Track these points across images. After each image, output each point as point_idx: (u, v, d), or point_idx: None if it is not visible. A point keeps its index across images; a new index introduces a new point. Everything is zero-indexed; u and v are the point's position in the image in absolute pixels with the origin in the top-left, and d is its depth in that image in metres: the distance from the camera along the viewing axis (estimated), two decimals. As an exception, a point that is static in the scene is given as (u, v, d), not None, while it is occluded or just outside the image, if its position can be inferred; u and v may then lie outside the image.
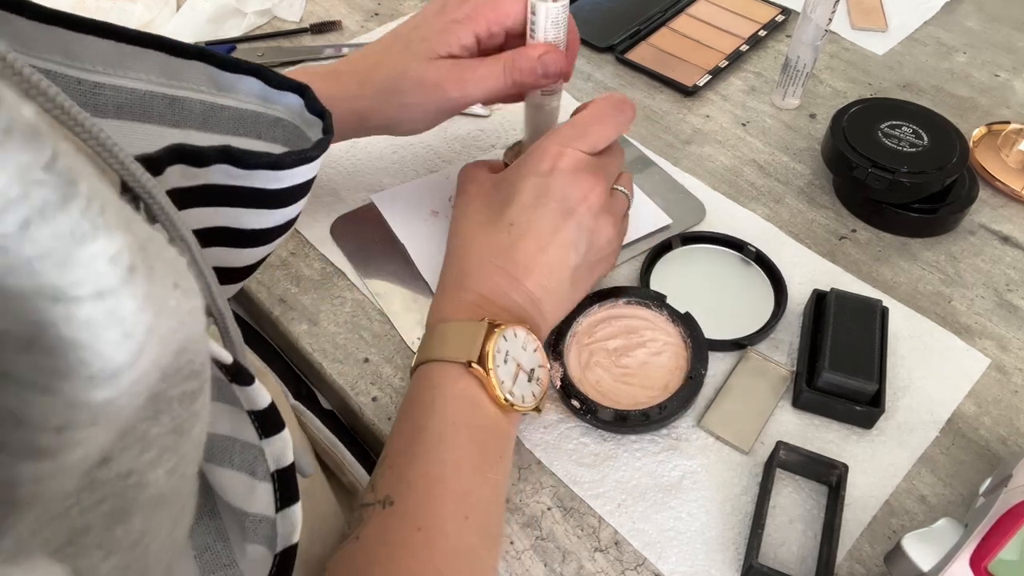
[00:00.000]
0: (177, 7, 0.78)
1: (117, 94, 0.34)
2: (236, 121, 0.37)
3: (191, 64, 0.35)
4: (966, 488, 0.45)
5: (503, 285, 0.44)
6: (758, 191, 0.62)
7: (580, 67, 0.73)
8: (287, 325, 0.53)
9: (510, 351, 0.42)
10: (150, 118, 0.35)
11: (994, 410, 0.49)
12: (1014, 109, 0.69)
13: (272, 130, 0.39)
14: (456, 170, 0.62)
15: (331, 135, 0.37)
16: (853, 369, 0.46)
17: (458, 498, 0.38)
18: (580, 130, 0.47)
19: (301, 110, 0.38)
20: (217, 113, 0.37)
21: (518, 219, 0.45)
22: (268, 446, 0.28)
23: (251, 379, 0.26)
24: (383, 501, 0.38)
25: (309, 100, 0.38)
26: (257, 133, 0.38)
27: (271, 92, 0.38)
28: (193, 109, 0.36)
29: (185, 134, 0.36)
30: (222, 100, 0.37)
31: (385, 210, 0.59)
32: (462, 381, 0.41)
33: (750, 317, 0.52)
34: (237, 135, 0.38)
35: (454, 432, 0.40)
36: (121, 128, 0.34)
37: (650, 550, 0.43)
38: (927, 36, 0.77)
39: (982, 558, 0.36)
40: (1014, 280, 0.56)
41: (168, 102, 0.35)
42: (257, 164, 0.32)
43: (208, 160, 0.30)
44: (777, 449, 0.44)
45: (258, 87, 0.37)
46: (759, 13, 0.78)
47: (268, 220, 0.35)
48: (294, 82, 0.38)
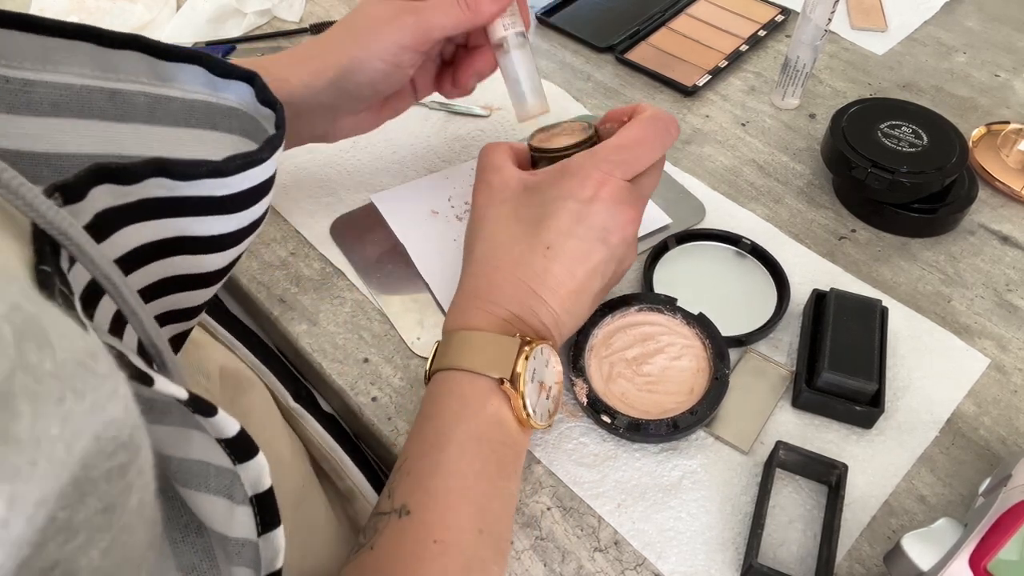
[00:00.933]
0: (177, 7, 0.78)
1: (51, 91, 0.31)
2: (186, 112, 0.35)
3: (125, 54, 0.33)
4: (966, 488, 0.45)
5: (533, 305, 0.44)
6: (758, 191, 0.62)
7: (580, 67, 0.73)
8: (287, 325, 0.53)
9: (536, 369, 0.42)
10: (91, 113, 0.32)
11: (994, 410, 0.49)
12: (1014, 109, 0.69)
13: (228, 120, 0.36)
14: (456, 170, 0.62)
15: (283, 131, 0.34)
16: (853, 369, 0.46)
17: (475, 512, 0.38)
18: (625, 155, 0.45)
19: (253, 101, 0.35)
20: (164, 105, 0.34)
21: (555, 244, 0.44)
22: (243, 471, 0.27)
23: (213, 410, 0.24)
24: (399, 510, 0.37)
25: (259, 89, 0.35)
26: (211, 124, 0.35)
27: (217, 81, 0.35)
28: (136, 102, 0.33)
29: (133, 128, 0.33)
30: (167, 91, 0.34)
31: (385, 210, 0.59)
32: (492, 397, 0.41)
33: (753, 311, 0.52)
34: (189, 127, 0.35)
35: (477, 446, 0.39)
36: (62, 126, 0.32)
37: (650, 550, 0.43)
38: (927, 36, 0.77)
39: (981, 558, 0.36)
40: (1014, 280, 0.56)
41: (107, 96, 0.33)
42: (196, 174, 0.29)
43: (136, 176, 0.28)
44: (777, 449, 0.44)
45: (202, 76, 0.34)
46: (759, 13, 0.78)
47: (225, 225, 0.32)
48: (241, 69, 0.34)
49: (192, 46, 0.73)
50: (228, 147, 0.36)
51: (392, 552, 0.36)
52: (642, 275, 0.55)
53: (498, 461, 0.40)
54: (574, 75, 0.72)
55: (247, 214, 0.33)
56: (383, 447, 0.48)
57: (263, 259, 0.56)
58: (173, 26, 0.75)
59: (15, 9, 0.30)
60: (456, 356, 0.42)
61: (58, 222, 0.22)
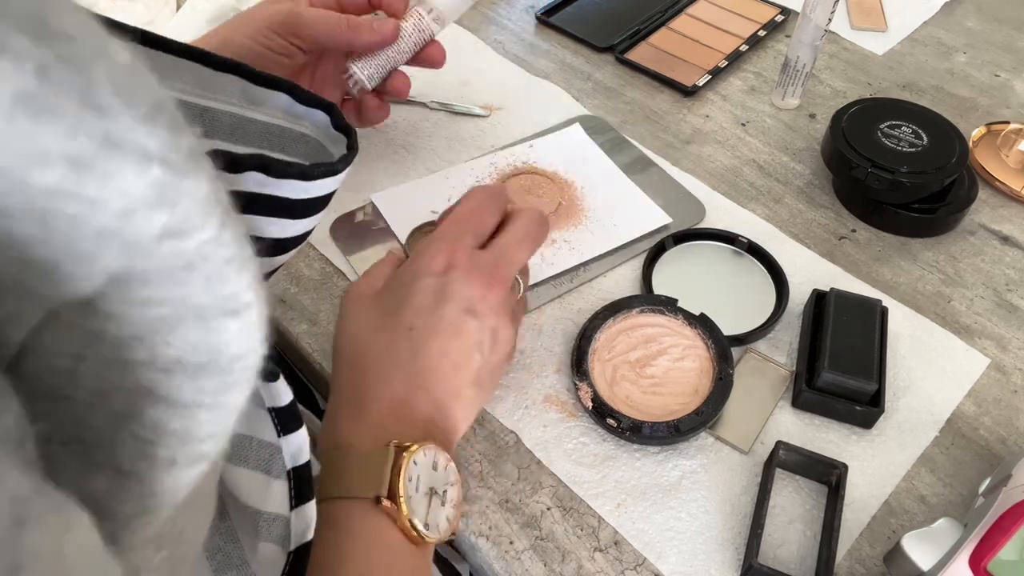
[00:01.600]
0: (177, 7, 0.78)
1: None
2: (263, 135, 0.38)
3: (225, 77, 0.36)
4: (966, 488, 0.45)
5: (407, 398, 0.40)
6: (758, 191, 0.62)
7: (580, 67, 0.73)
8: (287, 325, 0.53)
9: (420, 476, 0.37)
10: None
11: (994, 410, 0.49)
12: (1014, 109, 0.69)
13: (296, 145, 0.39)
14: (456, 170, 0.62)
15: (356, 151, 0.37)
16: (853, 369, 0.46)
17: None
18: (462, 225, 0.44)
19: (327, 126, 0.39)
20: (245, 126, 0.37)
21: (416, 322, 0.41)
22: (286, 443, 0.27)
23: (276, 375, 0.26)
24: None
25: (335, 117, 0.38)
26: (282, 147, 0.39)
27: (299, 108, 0.38)
28: (223, 120, 0.36)
29: (212, 144, 0.36)
30: (251, 113, 0.37)
31: (385, 210, 0.59)
32: (370, 519, 0.36)
33: (752, 310, 0.52)
34: (262, 148, 0.38)
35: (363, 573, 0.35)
36: None
37: (650, 550, 0.43)
38: (927, 36, 0.77)
39: (981, 558, 0.36)
40: (1014, 280, 0.56)
41: (199, 112, 0.36)
42: (287, 173, 0.32)
43: (243, 166, 0.31)
44: (777, 449, 0.44)
45: (286, 102, 0.38)
46: (759, 13, 0.78)
47: (289, 230, 0.35)
48: (322, 100, 0.38)
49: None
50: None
51: None
52: (641, 275, 0.55)
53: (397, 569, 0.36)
54: (574, 75, 0.72)
55: (308, 221, 0.36)
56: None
57: (263, 259, 0.56)
58: (173, 26, 0.75)
59: None
60: (329, 484, 0.37)
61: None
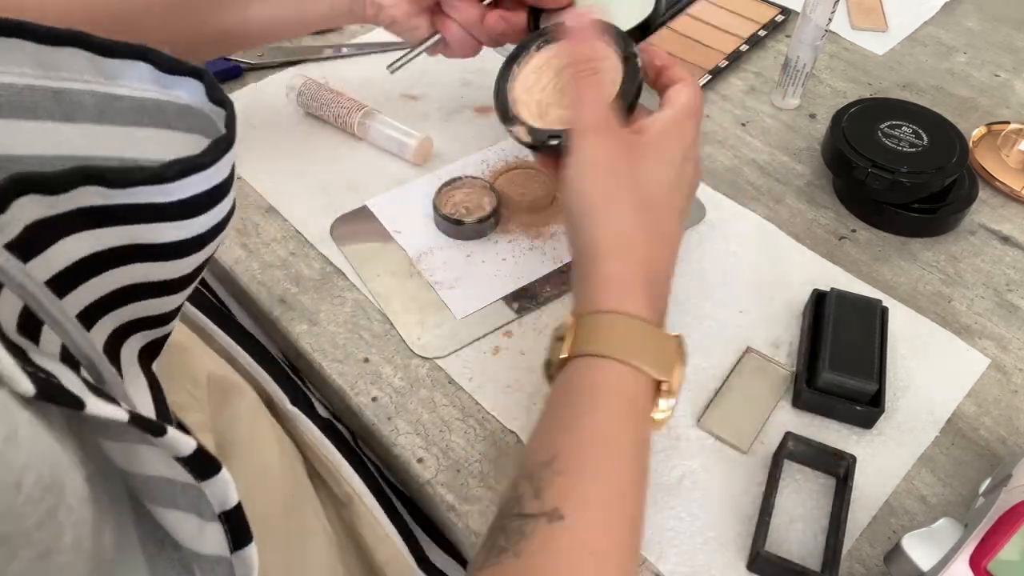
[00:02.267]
0: (177, 7, 0.78)
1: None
2: (137, 111, 0.33)
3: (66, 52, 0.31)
4: (966, 488, 0.45)
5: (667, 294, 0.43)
6: (758, 191, 0.62)
7: (580, 67, 0.73)
8: (287, 325, 0.53)
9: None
10: (35, 114, 0.31)
11: (994, 410, 0.49)
12: (1014, 109, 0.69)
13: (182, 119, 0.33)
14: (448, 169, 0.62)
15: (233, 132, 0.32)
16: (853, 369, 0.46)
17: (631, 524, 0.35)
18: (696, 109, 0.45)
19: (203, 98, 0.33)
20: (112, 104, 0.32)
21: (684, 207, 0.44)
22: (208, 488, 0.25)
23: (161, 430, 0.23)
24: (551, 514, 0.34)
25: (209, 86, 0.32)
26: (166, 123, 0.33)
27: (164, 77, 0.32)
28: (83, 101, 0.32)
29: (81, 129, 0.32)
30: (114, 89, 0.32)
31: (381, 215, 0.59)
32: (650, 399, 0.38)
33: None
34: (141, 125, 0.33)
35: (637, 452, 0.37)
36: (7, 127, 0.30)
37: (650, 550, 0.43)
38: (927, 36, 0.77)
39: (982, 558, 0.36)
40: (1014, 280, 0.56)
41: (51, 95, 0.31)
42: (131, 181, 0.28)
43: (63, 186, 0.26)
44: (786, 440, 0.44)
45: (148, 72, 0.32)
46: (759, 13, 0.78)
47: (179, 232, 0.31)
48: (188, 65, 0.32)
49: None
50: (185, 146, 0.34)
51: (543, 560, 0.33)
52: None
53: (646, 470, 0.38)
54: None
55: (203, 219, 0.31)
56: (383, 447, 0.48)
57: (263, 259, 0.56)
58: (173, 26, 0.75)
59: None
60: (621, 345, 0.38)
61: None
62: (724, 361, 0.51)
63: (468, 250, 0.57)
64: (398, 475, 0.50)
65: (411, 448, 0.47)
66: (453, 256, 0.56)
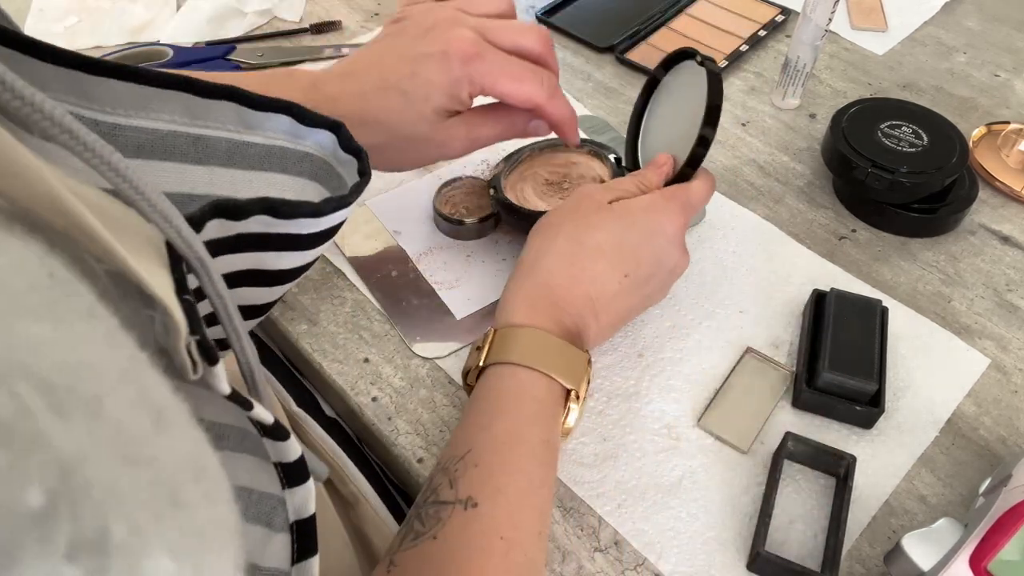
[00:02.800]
0: (177, 7, 0.78)
1: (138, 135, 0.33)
2: (262, 157, 0.37)
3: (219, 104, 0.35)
4: (966, 488, 0.45)
5: (588, 323, 0.45)
6: (758, 191, 0.62)
7: (580, 67, 0.73)
8: (287, 325, 0.53)
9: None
10: (172, 156, 0.35)
11: (994, 410, 0.49)
12: (1014, 109, 0.69)
13: (299, 165, 0.38)
14: (448, 169, 0.62)
15: (368, 177, 0.36)
16: (853, 369, 0.46)
17: (539, 514, 0.38)
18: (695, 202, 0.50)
19: (334, 147, 0.38)
20: (242, 150, 0.36)
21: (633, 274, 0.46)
22: (291, 496, 0.27)
23: (287, 435, 0.25)
24: (465, 502, 0.37)
25: (343, 138, 0.37)
26: (283, 168, 0.38)
27: (301, 129, 0.37)
28: (218, 147, 0.36)
29: (208, 170, 0.36)
30: (249, 137, 0.36)
31: (382, 215, 0.59)
32: (558, 405, 0.42)
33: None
34: (262, 170, 0.37)
35: (545, 451, 0.40)
36: (143, 167, 0.34)
37: (650, 550, 0.43)
38: (927, 36, 0.77)
39: (982, 558, 0.36)
40: (1014, 280, 0.56)
41: (192, 141, 0.35)
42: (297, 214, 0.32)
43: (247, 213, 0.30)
44: (786, 440, 0.44)
45: (287, 124, 0.37)
46: (759, 13, 0.78)
47: (296, 260, 0.35)
48: (327, 119, 0.37)
49: (192, 45, 0.73)
50: (295, 189, 0.38)
51: (457, 544, 0.36)
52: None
53: (553, 468, 0.41)
54: (574, 75, 0.72)
55: (318, 250, 0.35)
56: (383, 447, 0.48)
57: (263, 259, 0.56)
58: (173, 26, 0.75)
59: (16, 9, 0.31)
60: (532, 355, 0.42)
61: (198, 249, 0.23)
62: (724, 361, 0.51)
63: (468, 250, 0.57)
64: (398, 475, 0.50)
65: (411, 448, 0.47)
66: (453, 256, 0.56)
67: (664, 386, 0.49)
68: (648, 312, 0.53)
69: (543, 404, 0.41)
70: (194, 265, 0.24)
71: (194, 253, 0.23)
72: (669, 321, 0.53)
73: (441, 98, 0.46)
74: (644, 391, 0.49)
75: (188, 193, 0.35)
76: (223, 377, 0.22)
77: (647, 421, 0.48)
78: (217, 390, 0.22)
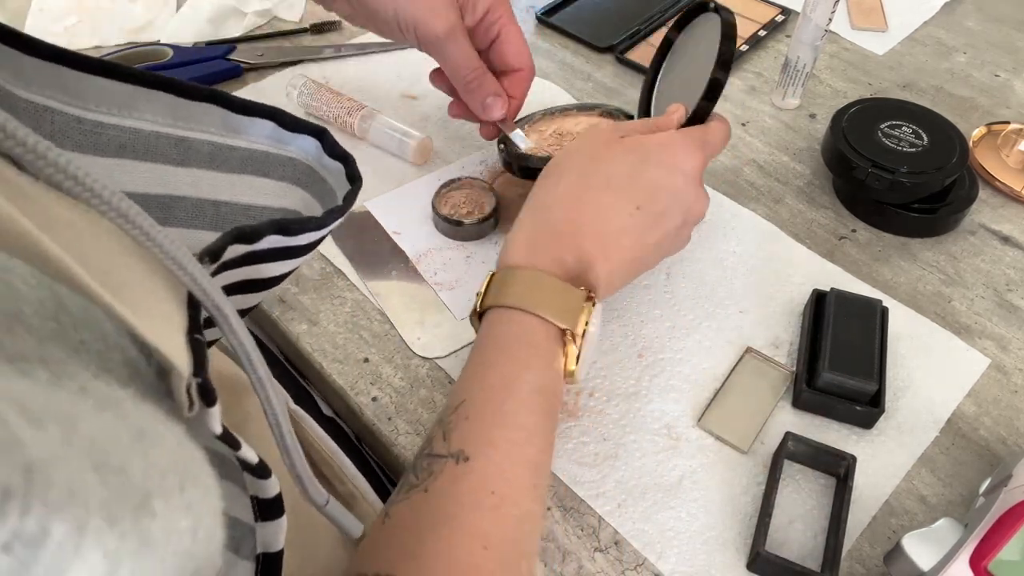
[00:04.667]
0: (177, 7, 0.78)
1: (120, 134, 0.33)
2: (244, 161, 0.37)
3: (203, 107, 0.35)
4: (966, 488, 0.45)
5: (594, 262, 0.43)
6: (758, 191, 0.62)
7: (580, 67, 0.73)
8: (287, 325, 0.53)
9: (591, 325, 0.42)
10: (154, 157, 0.34)
11: (994, 410, 0.49)
12: (1014, 109, 0.69)
13: (281, 169, 0.38)
14: (447, 169, 0.62)
15: (360, 183, 0.36)
16: (853, 369, 0.46)
17: (532, 466, 0.38)
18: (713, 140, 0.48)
19: (319, 153, 0.38)
20: (225, 153, 0.36)
21: (645, 206, 0.44)
22: (261, 528, 0.27)
23: (268, 473, 0.26)
24: (457, 455, 0.37)
25: (328, 144, 0.37)
26: (265, 172, 0.38)
27: (284, 135, 0.37)
28: (200, 149, 0.35)
29: (189, 172, 0.35)
30: (232, 141, 0.36)
31: (381, 216, 0.59)
32: (555, 347, 0.41)
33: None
34: (244, 173, 0.37)
35: (539, 399, 0.39)
36: (123, 166, 0.34)
37: (650, 550, 0.43)
38: (927, 36, 0.77)
39: (982, 558, 0.36)
40: (1014, 280, 0.56)
41: (174, 142, 0.35)
42: (305, 229, 0.32)
43: (261, 235, 0.30)
44: (786, 440, 0.44)
45: (271, 129, 0.37)
46: (759, 13, 0.78)
47: (290, 267, 0.35)
48: (310, 125, 0.37)
49: (192, 45, 0.73)
50: (276, 193, 0.38)
51: (447, 497, 0.36)
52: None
53: (551, 415, 0.40)
54: (574, 75, 0.72)
55: (308, 256, 0.35)
56: (383, 447, 0.48)
57: (263, 259, 0.56)
58: (173, 26, 0.75)
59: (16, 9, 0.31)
60: (525, 297, 0.41)
61: (214, 296, 0.24)
62: (724, 361, 0.51)
63: (468, 251, 0.57)
64: (398, 475, 0.50)
65: (411, 448, 0.47)
66: (453, 257, 0.56)
67: (664, 386, 0.49)
68: (648, 312, 0.53)
69: (536, 348, 0.40)
70: (212, 314, 0.24)
71: (212, 301, 0.24)
72: (669, 321, 0.53)
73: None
74: (644, 391, 0.49)
75: (169, 195, 0.35)
76: (217, 418, 0.23)
77: (647, 421, 0.48)
78: (209, 429, 0.23)
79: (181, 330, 0.22)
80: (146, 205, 0.33)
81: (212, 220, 0.36)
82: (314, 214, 0.36)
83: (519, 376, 0.40)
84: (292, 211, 0.38)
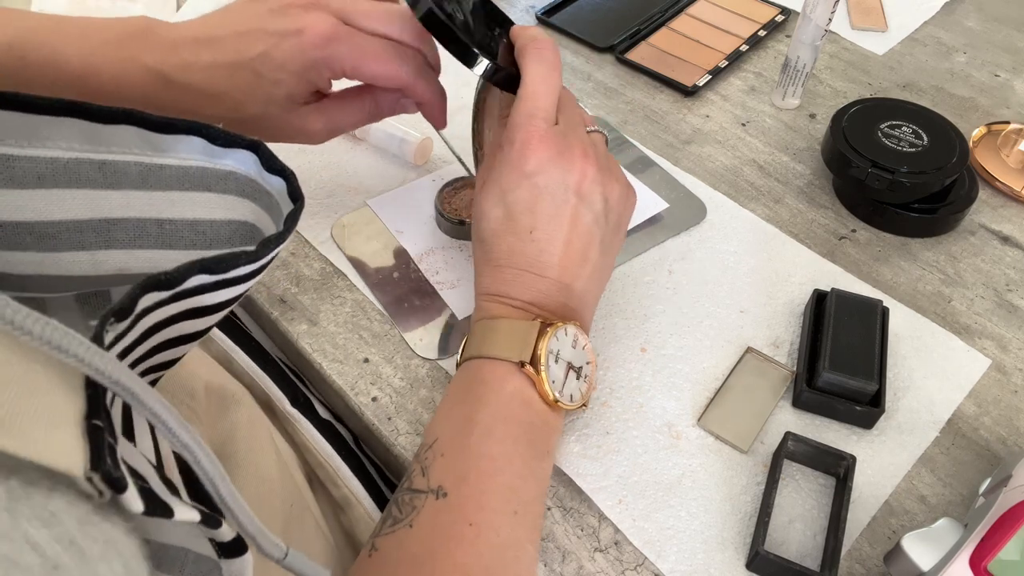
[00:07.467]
0: (177, 7, 0.78)
1: (35, 165, 0.31)
2: (180, 178, 0.34)
3: (118, 129, 0.32)
4: (966, 488, 0.45)
5: (542, 288, 0.44)
6: (758, 191, 0.62)
7: (580, 67, 0.73)
8: (287, 325, 0.53)
9: (561, 350, 0.42)
10: (79, 183, 0.32)
11: (994, 410, 0.49)
12: (1014, 109, 0.70)
13: (223, 183, 0.35)
14: (448, 170, 0.62)
15: (302, 203, 0.33)
16: (853, 369, 0.46)
17: (508, 493, 0.39)
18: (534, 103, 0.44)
19: (258, 168, 0.35)
20: (156, 172, 0.34)
21: (536, 225, 0.44)
22: (227, 565, 0.26)
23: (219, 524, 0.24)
24: (436, 491, 0.38)
25: (264, 157, 0.34)
26: (206, 186, 0.35)
27: (216, 150, 0.34)
28: (128, 171, 0.33)
29: (123, 195, 0.33)
30: (160, 160, 0.34)
31: (382, 213, 0.59)
32: (513, 380, 0.42)
33: None
34: (183, 190, 0.34)
35: (504, 427, 0.40)
36: (47, 196, 0.31)
37: (650, 548, 0.43)
38: (927, 36, 0.77)
39: (982, 558, 0.36)
40: (1014, 280, 0.56)
41: (96, 167, 0.32)
42: (235, 264, 0.30)
43: (180, 280, 0.28)
44: (785, 440, 0.44)
45: (200, 145, 0.34)
46: (759, 13, 0.78)
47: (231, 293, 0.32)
48: (244, 139, 0.34)
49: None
50: (224, 207, 0.36)
51: (429, 533, 0.37)
52: None
53: (528, 441, 0.41)
54: (574, 75, 0.72)
55: (254, 281, 0.33)
56: (383, 447, 0.48)
57: (263, 259, 0.56)
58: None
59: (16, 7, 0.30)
60: (479, 344, 0.43)
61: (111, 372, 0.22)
62: (724, 361, 0.51)
63: (470, 250, 0.57)
64: (398, 476, 0.50)
65: (411, 448, 0.47)
66: (455, 256, 0.56)
67: (665, 383, 0.49)
68: (650, 307, 0.53)
69: (487, 383, 0.42)
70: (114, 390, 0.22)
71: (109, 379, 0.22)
72: (671, 317, 0.53)
73: (294, 84, 0.46)
74: (647, 386, 0.49)
75: (105, 218, 0.33)
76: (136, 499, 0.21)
77: (648, 417, 0.48)
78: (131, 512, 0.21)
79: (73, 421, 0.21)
80: (81, 231, 0.32)
81: (157, 239, 0.34)
82: (265, 227, 0.35)
83: (477, 410, 0.41)
84: (248, 223, 0.36)
